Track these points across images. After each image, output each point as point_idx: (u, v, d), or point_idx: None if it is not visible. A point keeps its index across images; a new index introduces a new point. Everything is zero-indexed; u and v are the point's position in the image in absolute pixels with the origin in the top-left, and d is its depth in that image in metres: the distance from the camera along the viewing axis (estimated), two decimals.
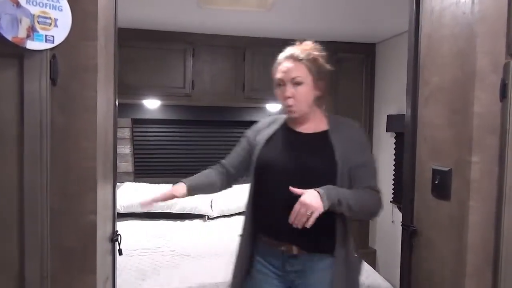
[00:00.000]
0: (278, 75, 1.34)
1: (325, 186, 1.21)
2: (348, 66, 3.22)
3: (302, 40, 1.39)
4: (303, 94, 1.28)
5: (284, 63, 1.33)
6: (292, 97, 1.29)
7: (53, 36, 0.96)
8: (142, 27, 2.87)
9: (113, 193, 1.29)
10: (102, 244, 1.10)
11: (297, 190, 1.18)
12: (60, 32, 0.96)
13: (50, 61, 0.96)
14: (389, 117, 2.98)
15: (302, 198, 1.16)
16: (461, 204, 1.22)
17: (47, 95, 0.95)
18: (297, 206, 1.16)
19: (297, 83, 1.29)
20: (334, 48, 3.17)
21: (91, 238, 1.01)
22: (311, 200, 1.15)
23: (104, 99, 1.13)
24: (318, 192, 1.18)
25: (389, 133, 3.05)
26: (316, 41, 1.41)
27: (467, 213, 1.20)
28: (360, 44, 3.25)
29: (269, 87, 3.15)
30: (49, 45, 0.95)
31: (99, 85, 1.02)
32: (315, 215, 1.15)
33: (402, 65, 2.97)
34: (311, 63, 1.30)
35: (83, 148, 1.00)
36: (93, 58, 0.99)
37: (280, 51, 1.39)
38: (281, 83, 1.34)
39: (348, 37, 3.14)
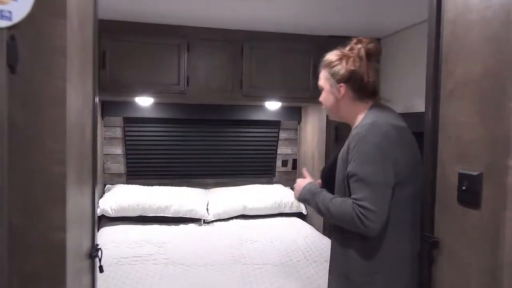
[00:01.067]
0: None
1: (313, 185, 1.39)
2: None
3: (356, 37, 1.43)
4: (324, 100, 1.39)
5: None
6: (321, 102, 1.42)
7: (10, 12, 0.78)
8: (133, 20, 2.69)
9: (92, 202, 1.11)
10: (75, 264, 0.93)
11: (304, 173, 1.51)
12: (20, 7, 0.79)
13: (8, 43, 0.78)
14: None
15: (297, 179, 1.45)
16: (495, 214, 1.06)
17: (3, 85, 0.78)
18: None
19: (321, 90, 1.40)
20: (336, 43, 3.01)
21: (59, 259, 0.83)
22: (297, 186, 1.43)
23: (79, 91, 0.95)
24: (305, 185, 1.39)
25: None
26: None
27: (503, 225, 1.03)
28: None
29: (268, 84, 3.01)
30: (5, 23, 0.78)
31: (70, 73, 0.85)
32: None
33: (410, 61, 2.82)
34: (325, 68, 1.38)
35: (49, 150, 0.82)
36: (61, 38, 0.81)
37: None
38: None
39: (351, 31, 2.96)
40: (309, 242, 2.71)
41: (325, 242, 2.70)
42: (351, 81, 1.32)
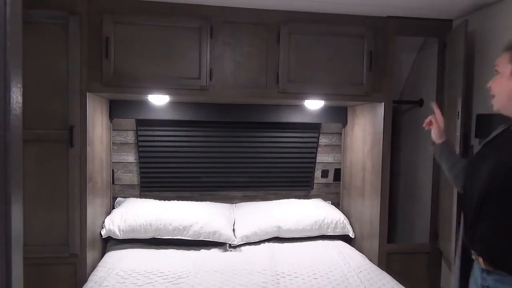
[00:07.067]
0: None
1: None
2: (413, 49, 2.42)
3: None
4: (497, 86, 1.24)
5: None
6: (491, 87, 1.28)
7: None
8: None
9: None
10: None
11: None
12: None
13: None
14: (480, 117, 2.17)
15: None
16: None
17: None
18: None
19: (496, 73, 1.26)
20: (396, 26, 2.38)
21: None
22: None
23: None
24: None
25: (479, 140, 2.23)
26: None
27: None
28: (432, 21, 2.44)
29: (311, 78, 2.41)
30: None
31: None
32: None
33: (494, 47, 2.17)
34: (509, 50, 1.21)
35: None
36: None
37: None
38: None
39: (415, 11, 2.34)
40: (364, 280, 2.10)
41: (386, 282, 2.08)
42: None
